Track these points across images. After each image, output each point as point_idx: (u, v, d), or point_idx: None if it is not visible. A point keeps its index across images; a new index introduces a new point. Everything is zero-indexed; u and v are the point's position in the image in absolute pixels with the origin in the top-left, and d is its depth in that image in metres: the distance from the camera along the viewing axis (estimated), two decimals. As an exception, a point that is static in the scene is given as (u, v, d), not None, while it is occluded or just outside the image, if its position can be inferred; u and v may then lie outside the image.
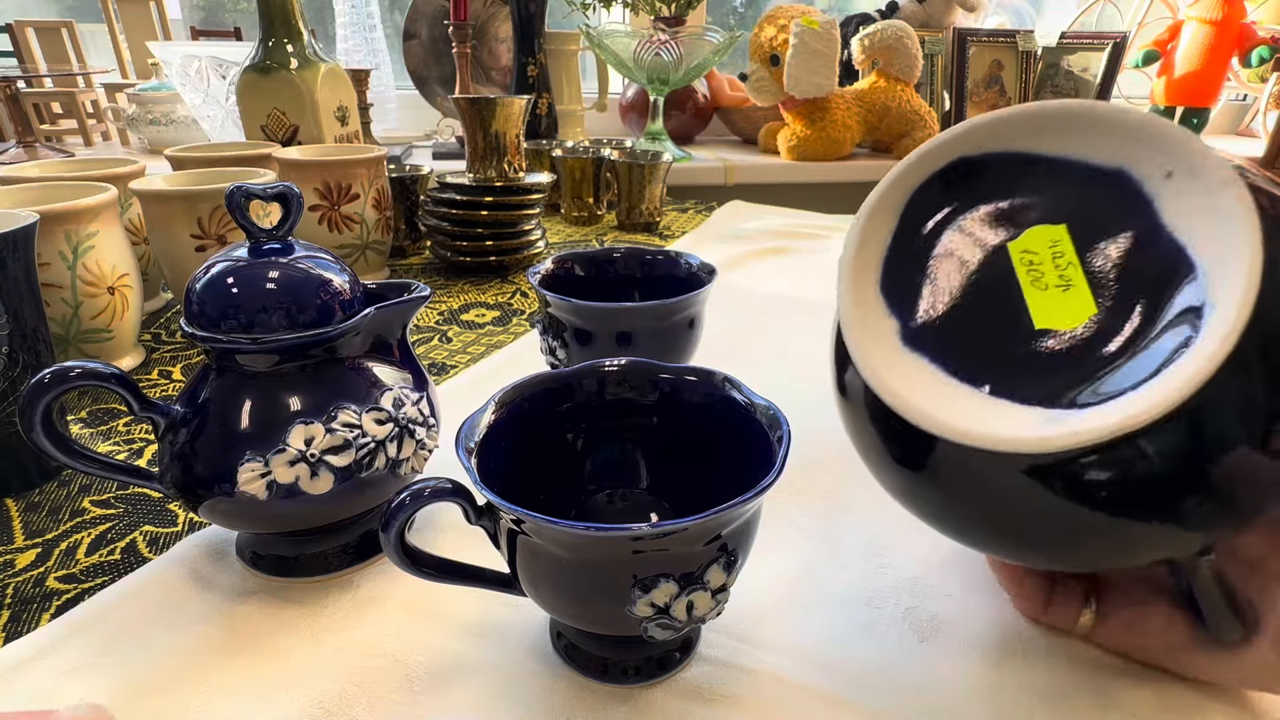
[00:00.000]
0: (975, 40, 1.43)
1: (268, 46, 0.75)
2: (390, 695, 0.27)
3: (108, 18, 1.35)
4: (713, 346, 0.49)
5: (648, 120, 1.24)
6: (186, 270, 0.53)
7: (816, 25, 1.18)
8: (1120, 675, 0.28)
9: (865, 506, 0.38)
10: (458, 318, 0.64)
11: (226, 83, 1.06)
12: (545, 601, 0.26)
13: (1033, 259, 0.23)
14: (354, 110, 0.82)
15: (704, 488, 0.29)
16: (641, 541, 0.22)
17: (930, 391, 0.23)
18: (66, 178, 0.54)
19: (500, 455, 0.28)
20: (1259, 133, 1.63)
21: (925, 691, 0.28)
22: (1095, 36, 1.47)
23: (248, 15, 1.54)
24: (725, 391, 0.30)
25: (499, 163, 0.70)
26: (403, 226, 0.79)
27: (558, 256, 0.48)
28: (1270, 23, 1.51)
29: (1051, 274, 0.23)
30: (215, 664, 0.29)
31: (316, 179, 0.64)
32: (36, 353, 0.38)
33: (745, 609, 0.31)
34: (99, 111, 1.37)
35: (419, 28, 1.36)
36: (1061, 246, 0.23)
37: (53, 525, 0.36)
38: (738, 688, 0.28)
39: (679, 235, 0.90)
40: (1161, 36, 1.45)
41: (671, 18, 1.18)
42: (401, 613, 0.31)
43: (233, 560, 0.34)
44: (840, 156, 1.32)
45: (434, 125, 1.40)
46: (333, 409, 0.30)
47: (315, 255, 0.32)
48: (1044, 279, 0.23)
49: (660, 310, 0.41)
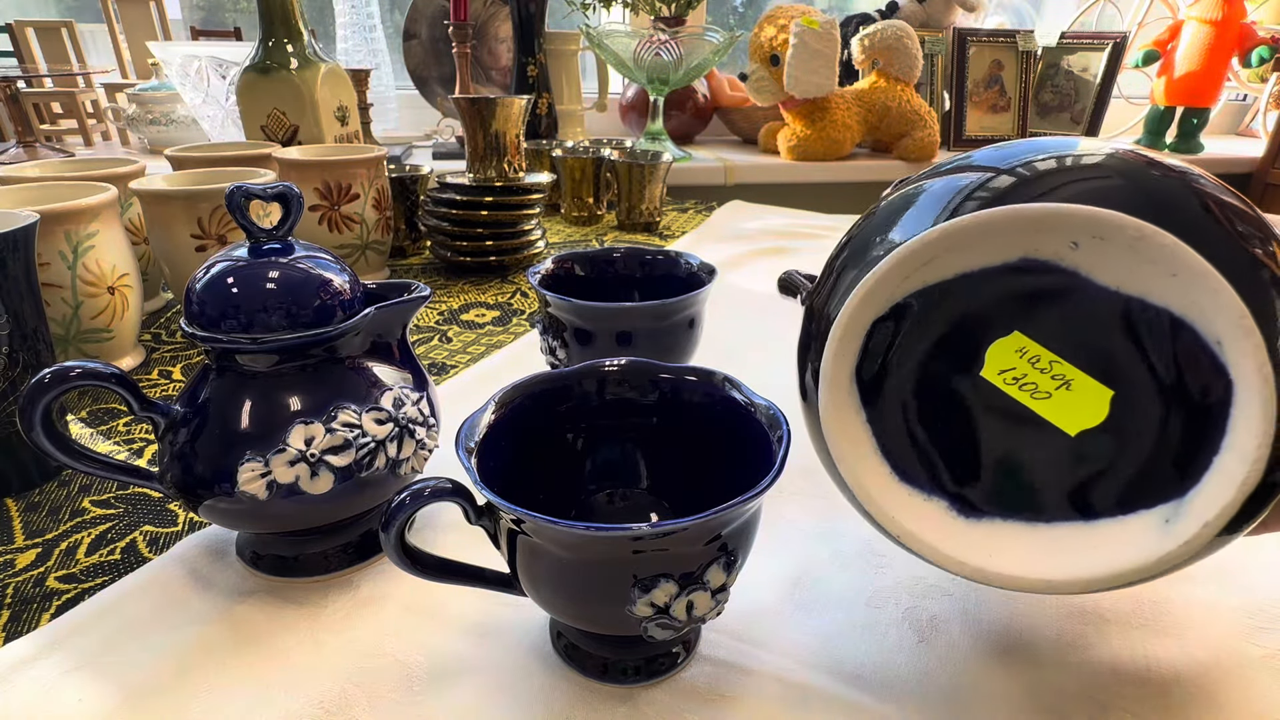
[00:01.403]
0: (975, 40, 1.44)
1: (268, 46, 0.75)
2: (390, 695, 0.27)
3: (108, 18, 1.35)
4: (713, 346, 0.49)
5: (648, 120, 1.24)
6: (186, 270, 0.53)
7: (816, 25, 1.18)
8: (1120, 676, 0.28)
9: (865, 506, 0.38)
10: (458, 318, 0.64)
11: (226, 83, 1.06)
12: (545, 601, 0.26)
13: (1016, 375, 0.23)
14: (354, 110, 0.82)
15: (704, 488, 0.29)
16: (641, 541, 0.22)
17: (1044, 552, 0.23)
18: (66, 178, 0.54)
19: (500, 455, 0.28)
20: (1259, 133, 1.63)
21: (925, 691, 0.28)
22: (1095, 36, 1.48)
23: (248, 15, 1.54)
24: (725, 391, 0.30)
25: (499, 163, 0.70)
26: (403, 226, 0.79)
27: (558, 256, 0.48)
28: (1270, 23, 1.51)
29: (1044, 380, 0.23)
30: (215, 664, 0.28)
31: (316, 179, 0.64)
32: (36, 353, 0.38)
33: (745, 609, 0.31)
34: (99, 111, 1.37)
35: (419, 28, 1.36)
36: (1031, 350, 0.23)
37: (53, 525, 0.36)
38: (738, 688, 0.28)
39: (679, 235, 0.90)
40: (1161, 36, 1.45)
41: (671, 18, 1.18)
42: (401, 613, 0.31)
43: (233, 560, 0.34)
44: (840, 156, 1.32)
45: (434, 125, 1.40)
46: (333, 409, 0.30)
47: (315, 255, 0.32)
48: (1041, 388, 0.23)
49: (660, 310, 0.41)
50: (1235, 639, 0.30)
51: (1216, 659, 0.29)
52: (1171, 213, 0.21)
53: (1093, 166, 0.24)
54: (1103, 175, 0.23)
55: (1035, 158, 0.24)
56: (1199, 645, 0.30)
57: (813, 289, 0.30)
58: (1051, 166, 0.24)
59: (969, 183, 0.25)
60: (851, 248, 0.28)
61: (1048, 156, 0.24)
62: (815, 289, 0.29)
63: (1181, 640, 0.30)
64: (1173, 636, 0.30)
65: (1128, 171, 0.23)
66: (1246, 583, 0.33)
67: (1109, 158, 0.24)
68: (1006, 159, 0.25)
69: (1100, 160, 0.24)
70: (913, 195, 0.26)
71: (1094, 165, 0.24)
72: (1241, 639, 0.30)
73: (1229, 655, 0.29)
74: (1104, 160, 0.24)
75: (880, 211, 0.28)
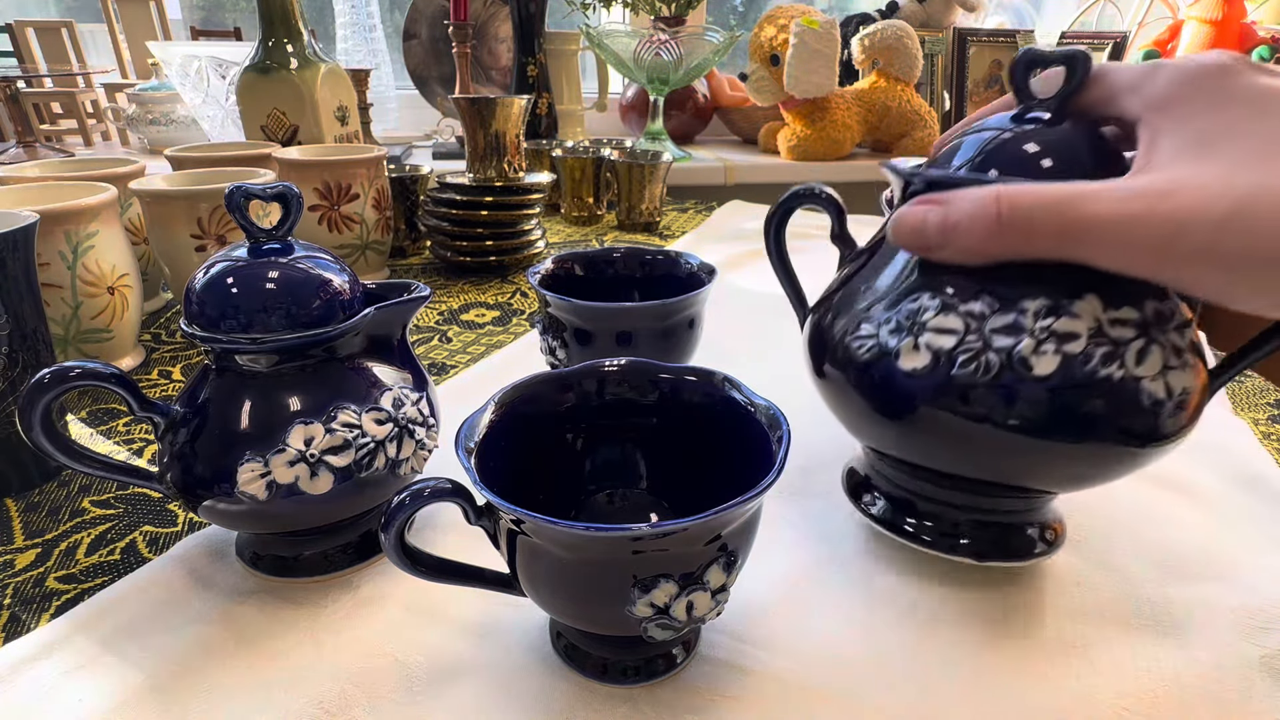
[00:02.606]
0: (975, 40, 1.43)
1: (268, 46, 0.75)
2: (390, 695, 0.27)
3: (108, 18, 1.35)
4: (713, 346, 0.49)
5: (648, 120, 1.24)
6: (186, 270, 0.53)
7: (816, 25, 1.18)
8: (1120, 676, 0.28)
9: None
10: (458, 318, 0.64)
11: (226, 83, 1.06)
12: (545, 601, 0.26)
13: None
14: (354, 110, 0.82)
15: (704, 488, 0.29)
16: (641, 541, 0.22)
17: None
18: (66, 178, 0.54)
19: (500, 455, 0.28)
20: (1259, 133, 1.62)
21: (924, 691, 0.28)
22: (1095, 36, 1.47)
23: (248, 15, 1.54)
24: (725, 391, 0.30)
25: (499, 163, 0.70)
26: (403, 226, 0.79)
27: (558, 256, 0.48)
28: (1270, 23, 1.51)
29: None
30: (215, 664, 0.28)
31: (316, 179, 0.64)
32: (36, 353, 0.38)
33: (745, 609, 0.31)
34: (99, 111, 1.37)
35: (419, 28, 1.36)
36: None
37: (53, 525, 0.36)
38: (738, 688, 0.28)
39: (679, 235, 0.90)
40: (1161, 36, 1.45)
41: (671, 18, 1.18)
42: (401, 613, 0.31)
43: (233, 560, 0.34)
44: (840, 156, 1.32)
45: (434, 125, 1.40)
46: (332, 409, 0.30)
47: (315, 255, 0.32)
48: None
49: (660, 310, 0.41)
50: (1235, 639, 0.30)
51: (1216, 659, 0.29)
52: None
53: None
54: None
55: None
56: (1199, 645, 0.30)
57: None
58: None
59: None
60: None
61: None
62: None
63: (1181, 640, 0.30)
64: (1173, 636, 0.30)
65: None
66: (1246, 583, 0.33)
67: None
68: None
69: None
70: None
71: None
72: (1241, 639, 0.30)
73: (1229, 655, 0.29)
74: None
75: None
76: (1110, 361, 0.25)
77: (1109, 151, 0.27)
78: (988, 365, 0.26)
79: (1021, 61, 0.29)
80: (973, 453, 0.28)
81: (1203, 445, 0.44)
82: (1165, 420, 0.26)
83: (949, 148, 0.30)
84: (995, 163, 0.28)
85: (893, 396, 0.28)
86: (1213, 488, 0.40)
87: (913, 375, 0.27)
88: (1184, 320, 0.27)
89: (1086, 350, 0.25)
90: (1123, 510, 0.38)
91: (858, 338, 0.30)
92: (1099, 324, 0.25)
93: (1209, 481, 0.41)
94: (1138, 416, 0.26)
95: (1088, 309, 0.26)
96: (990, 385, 0.26)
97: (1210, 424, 0.46)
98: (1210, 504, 0.39)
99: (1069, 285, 0.26)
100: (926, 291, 0.28)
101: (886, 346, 0.28)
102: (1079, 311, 0.25)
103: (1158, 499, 0.39)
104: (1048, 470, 0.28)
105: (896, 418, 0.29)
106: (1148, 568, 0.34)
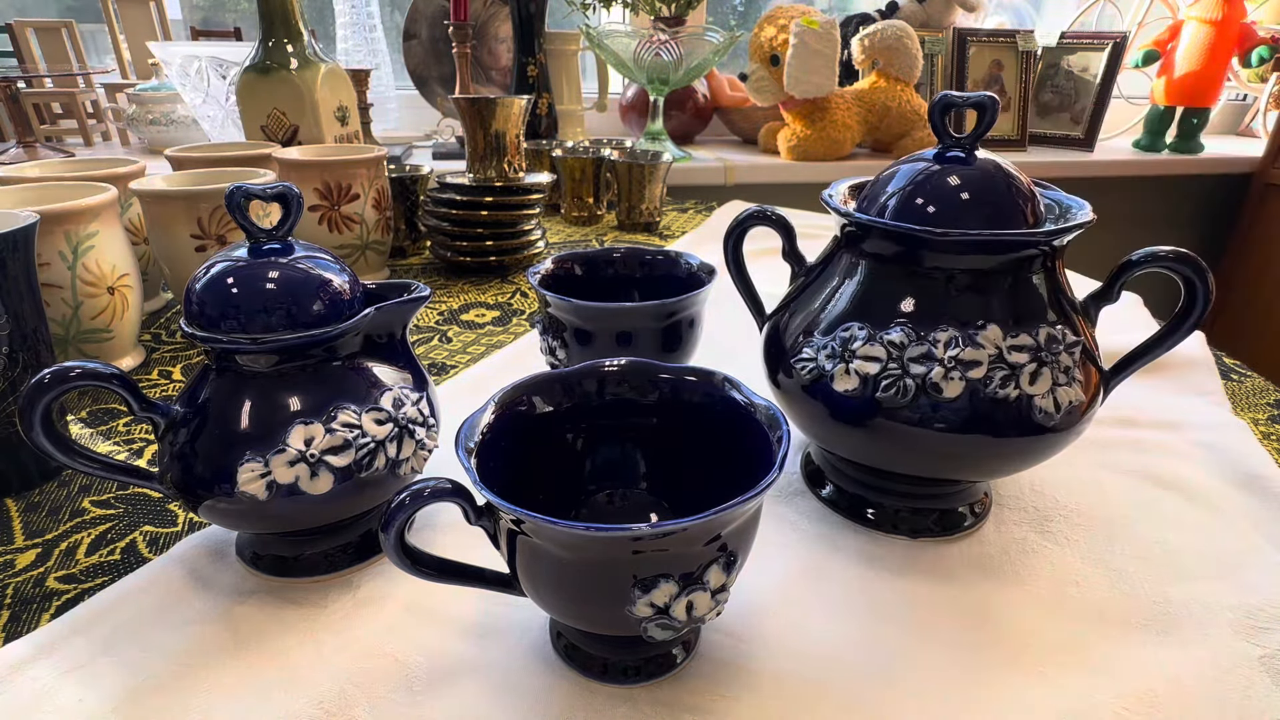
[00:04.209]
0: (975, 40, 1.43)
1: (268, 46, 0.75)
2: (390, 695, 0.27)
3: (108, 18, 1.35)
4: (713, 346, 0.49)
5: (648, 120, 1.24)
6: (186, 270, 0.53)
7: (816, 25, 1.18)
8: (1120, 675, 0.28)
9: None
10: (458, 318, 0.64)
11: (226, 83, 1.06)
12: (545, 601, 0.26)
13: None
14: (354, 110, 0.82)
15: (704, 488, 0.29)
16: (641, 541, 0.22)
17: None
18: (66, 178, 0.54)
19: (500, 455, 0.28)
20: (1259, 133, 1.63)
21: (924, 692, 0.28)
22: (1095, 36, 1.47)
23: (248, 15, 1.54)
24: (725, 391, 0.30)
25: (499, 163, 0.70)
26: (403, 226, 0.79)
27: (558, 256, 0.48)
28: (1270, 23, 1.51)
29: None
30: (215, 664, 0.29)
31: (316, 179, 0.64)
32: (36, 353, 0.38)
33: (745, 609, 0.31)
34: (99, 111, 1.37)
35: (419, 28, 1.36)
36: None
37: (53, 525, 0.36)
38: (738, 688, 0.28)
39: (679, 235, 0.90)
40: (1161, 36, 1.45)
41: (671, 18, 1.18)
42: (401, 613, 0.31)
43: (233, 560, 0.34)
44: (840, 156, 1.32)
45: (434, 125, 1.40)
46: (332, 409, 0.30)
47: (315, 255, 0.32)
48: None
49: (660, 310, 0.41)
50: (1235, 638, 0.30)
51: (1216, 659, 0.29)
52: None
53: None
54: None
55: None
56: (1199, 645, 0.30)
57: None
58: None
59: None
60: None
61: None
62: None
63: (1181, 640, 0.30)
64: (1173, 636, 0.30)
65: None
66: (1246, 582, 0.33)
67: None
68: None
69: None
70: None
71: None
72: (1241, 638, 0.30)
73: (1229, 655, 0.29)
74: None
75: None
76: (1007, 384, 0.30)
77: (1019, 186, 0.33)
78: (905, 389, 0.31)
79: (938, 105, 0.34)
80: (900, 454, 0.33)
81: (1203, 445, 0.44)
82: (1058, 425, 0.31)
83: (886, 173, 0.35)
84: (921, 192, 0.33)
85: (831, 411, 0.33)
86: (1213, 488, 0.40)
87: (846, 395, 0.32)
88: (1074, 340, 0.32)
89: (987, 375, 0.30)
90: (1123, 510, 0.38)
91: (800, 360, 0.34)
92: (999, 351, 0.30)
93: (1209, 481, 0.41)
94: (1031, 426, 0.31)
95: (989, 338, 0.31)
96: (909, 405, 0.31)
97: (1210, 424, 0.47)
98: (1210, 504, 0.39)
99: (975, 315, 0.31)
100: (856, 321, 0.33)
101: (824, 370, 0.33)
102: (982, 341, 0.30)
103: (1158, 499, 0.39)
104: (958, 468, 0.34)
105: (836, 427, 0.34)
106: (1147, 567, 0.34)
